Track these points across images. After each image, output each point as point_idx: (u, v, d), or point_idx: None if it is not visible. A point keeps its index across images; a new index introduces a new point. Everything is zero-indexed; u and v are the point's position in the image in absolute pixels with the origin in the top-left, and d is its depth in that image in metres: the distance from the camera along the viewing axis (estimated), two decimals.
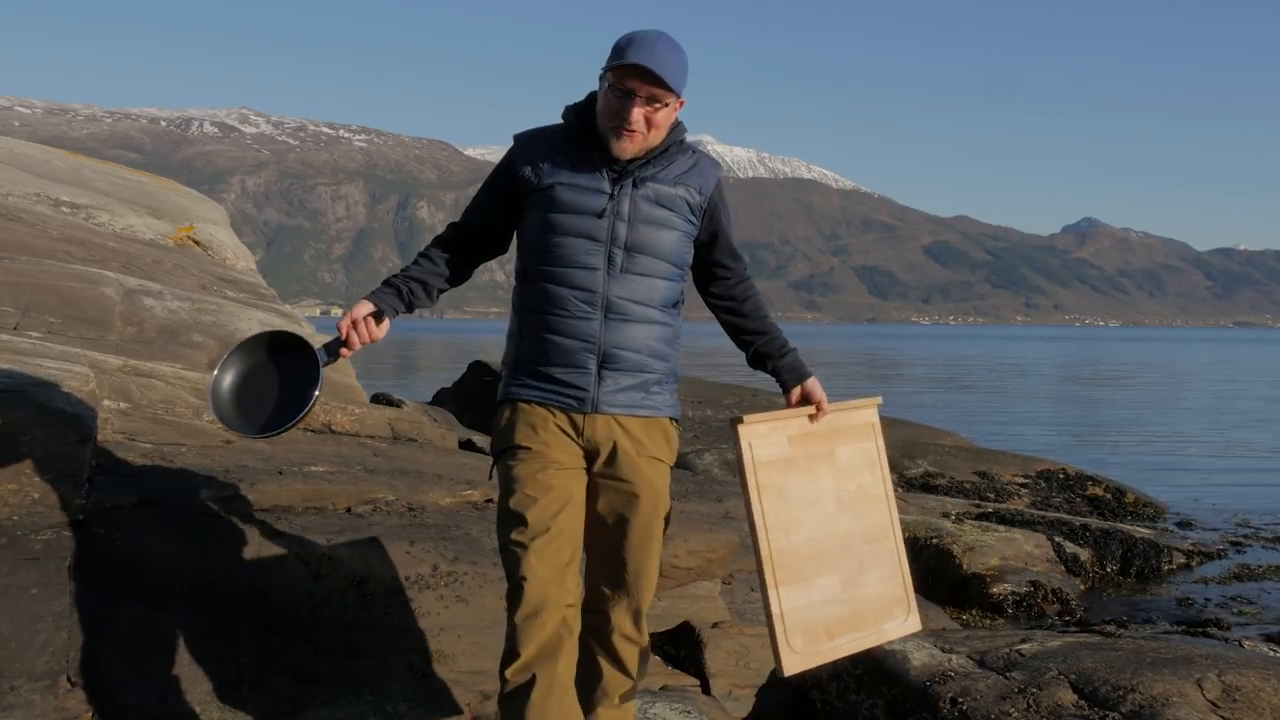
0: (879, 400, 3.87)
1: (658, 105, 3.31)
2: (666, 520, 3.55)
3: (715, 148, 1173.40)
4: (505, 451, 3.48)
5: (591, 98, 3.46)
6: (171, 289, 8.80)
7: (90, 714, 3.96)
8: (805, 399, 3.70)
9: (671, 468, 3.61)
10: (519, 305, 3.55)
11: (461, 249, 3.64)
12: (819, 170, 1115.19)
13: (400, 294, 3.56)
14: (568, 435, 3.43)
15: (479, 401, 14.76)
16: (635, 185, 3.40)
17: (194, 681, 4.17)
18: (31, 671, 4.00)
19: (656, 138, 3.40)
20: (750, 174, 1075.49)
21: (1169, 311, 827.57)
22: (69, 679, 4.03)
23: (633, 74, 3.26)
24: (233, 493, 5.26)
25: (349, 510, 5.54)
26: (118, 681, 4.08)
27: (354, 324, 3.44)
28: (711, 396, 16.00)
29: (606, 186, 3.39)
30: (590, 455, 3.46)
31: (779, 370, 3.70)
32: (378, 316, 3.48)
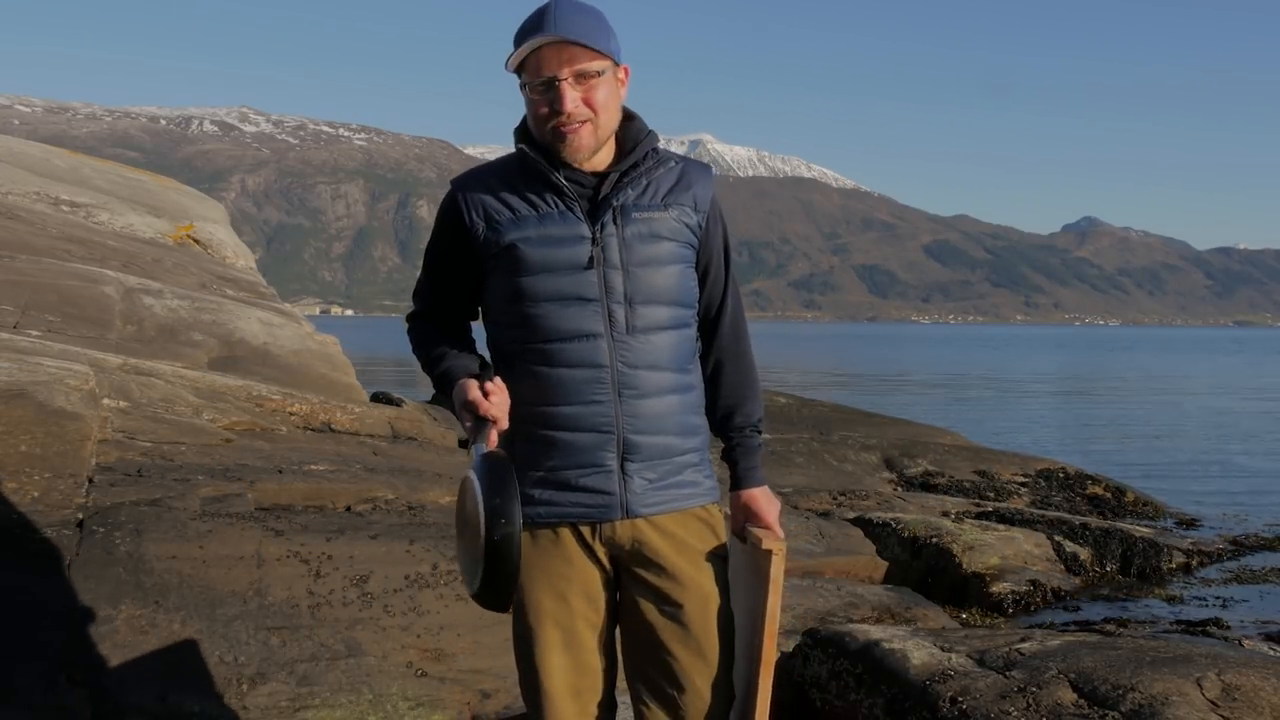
0: (783, 545, 2.79)
1: (590, 78, 2.62)
2: (725, 627, 2.81)
3: (715, 147, 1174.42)
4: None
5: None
6: (171, 287, 8.80)
7: (90, 713, 3.97)
8: (748, 513, 2.93)
9: (723, 558, 2.88)
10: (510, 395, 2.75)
11: (448, 325, 2.91)
12: (819, 169, 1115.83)
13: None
14: (587, 551, 2.75)
15: None
16: (618, 219, 2.69)
17: (194, 680, 4.18)
18: (32, 670, 4.00)
19: (609, 123, 2.69)
20: (750, 173, 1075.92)
21: (1169, 310, 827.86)
22: (69, 678, 4.03)
23: (545, 55, 2.60)
24: (233, 491, 5.26)
25: (349, 509, 5.54)
26: (117, 680, 4.08)
27: (484, 394, 2.61)
28: None
29: (585, 229, 2.67)
30: (617, 559, 2.78)
31: (733, 463, 2.96)
32: (481, 375, 2.73)
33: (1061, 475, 12.93)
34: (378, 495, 5.74)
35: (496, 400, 2.60)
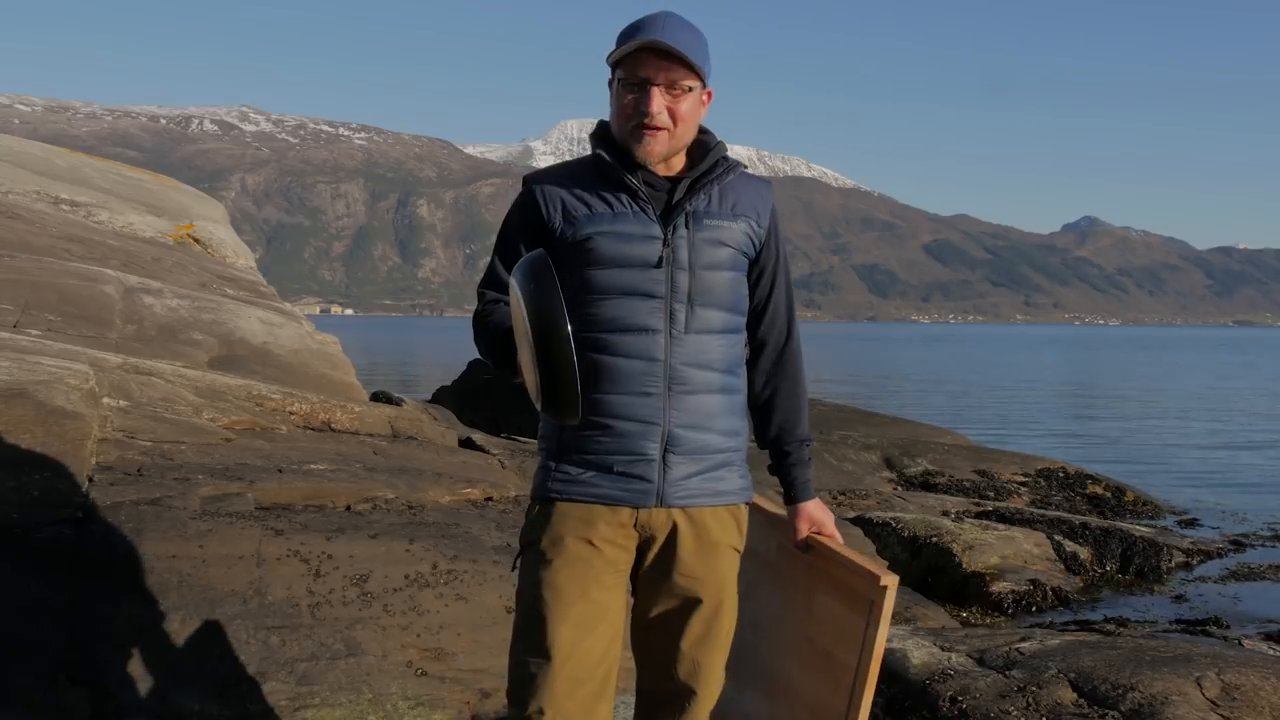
0: (895, 579, 2.84)
1: (679, 92, 2.75)
2: (731, 624, 2.93)
3: None
4: (536, 550, 2.83)
5: (608, 123, 2.90)
6: (171, 287, 8.80)
7: (90, 713, 3.97)
8: (811, 523, 3.07)
9: (739, 557, 2.97)
10: None
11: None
12: (819, 169, 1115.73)
13: None
14: (620, 534, 2.82)
15: (479, 399, 14.78)
16: (690, 224, 2.82)
17: (194, 680, 4.18)
18: (32, 670, 4.00)
19: (686, 135, 2.83)
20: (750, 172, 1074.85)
21: (1169, 310, 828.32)
22: (69, 677, 4.03)
23: (644, 58, 2.73)
24: (233, 491, 5.26)
25: (349, 508, 5.54)
26: (118, 680, 4.08)
27: None
28: None
29: (657, 229, 2.80)
30: (644, 545, 2.87)
31: (794, 476, 3.07)
32: None
33: (1061, 475, 12.93)
34: (378, 494, 5.74)
35: None
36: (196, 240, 11.57)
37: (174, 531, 4.71)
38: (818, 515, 3.07)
